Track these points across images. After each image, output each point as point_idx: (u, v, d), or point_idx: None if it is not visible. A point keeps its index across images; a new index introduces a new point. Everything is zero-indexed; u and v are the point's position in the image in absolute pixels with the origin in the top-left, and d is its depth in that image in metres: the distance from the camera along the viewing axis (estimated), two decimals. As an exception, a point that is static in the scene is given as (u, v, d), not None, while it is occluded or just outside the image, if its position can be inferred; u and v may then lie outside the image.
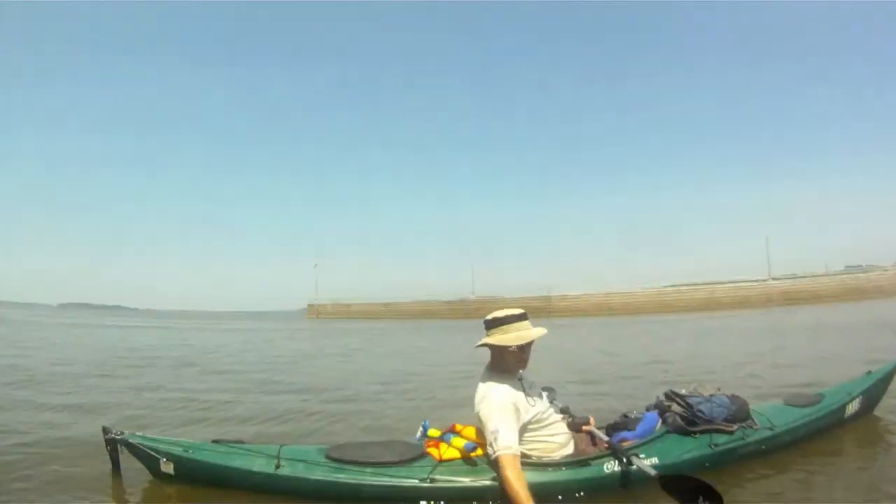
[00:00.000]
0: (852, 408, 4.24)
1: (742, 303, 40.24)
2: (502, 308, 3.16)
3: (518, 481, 2.73)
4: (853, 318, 18.36)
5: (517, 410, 2.96)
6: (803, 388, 5.30)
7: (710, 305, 40.50)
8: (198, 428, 5.08)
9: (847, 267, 49.53)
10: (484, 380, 3.11)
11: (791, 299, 39.72)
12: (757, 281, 45.42)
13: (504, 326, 3.07)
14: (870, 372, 4.63)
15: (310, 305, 67.45)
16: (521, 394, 3.03)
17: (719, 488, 2.59)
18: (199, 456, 3.16)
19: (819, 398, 4.20)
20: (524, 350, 3.08)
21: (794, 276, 46.17)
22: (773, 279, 45.58)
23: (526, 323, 3.11)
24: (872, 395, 4.49)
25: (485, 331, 3.14)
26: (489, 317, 3.13)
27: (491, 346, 3.12)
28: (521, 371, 3.15)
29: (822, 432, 4.03)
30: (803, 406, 4.04)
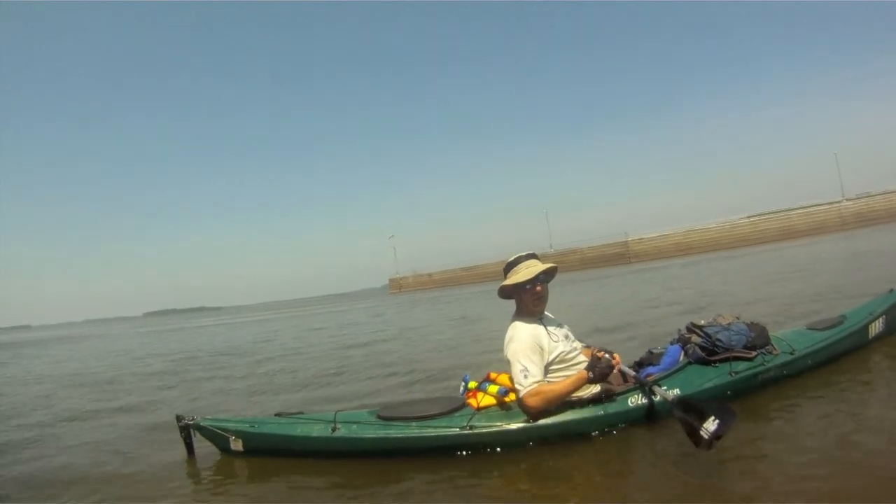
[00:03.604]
0: (876, 328, 3.94)
1: (819, 228, 36.83)
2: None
3: (559, 384, 2.90)
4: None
5: (541, 349, 2.99)
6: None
7: (787, 234, 37.64)
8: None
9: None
10: (510, 324, 3.17)
11: (866, 220, 35.96)
12: (830, 203, 41.11)
13: (515, 268, 3.15)
14: (892, 290, 4.23)
15: (391, 280, 66.54)
16: (545, 334, 3.05)
17: (743, 417, 2.41)
18: (263, 429, 3.26)
19: (841, 320, 3.95)
20: (536, 284, 3.10)
21: (868, 195, 41.18)
22: (847, 200, 41.23)
23: (535, 261, 3.17)
24: None
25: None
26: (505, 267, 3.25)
27: (510, 290, 3.19)
28: (544, 312, 3.20)
29: (846, 354, 3.76)
30: (825, 329, 3.80)
